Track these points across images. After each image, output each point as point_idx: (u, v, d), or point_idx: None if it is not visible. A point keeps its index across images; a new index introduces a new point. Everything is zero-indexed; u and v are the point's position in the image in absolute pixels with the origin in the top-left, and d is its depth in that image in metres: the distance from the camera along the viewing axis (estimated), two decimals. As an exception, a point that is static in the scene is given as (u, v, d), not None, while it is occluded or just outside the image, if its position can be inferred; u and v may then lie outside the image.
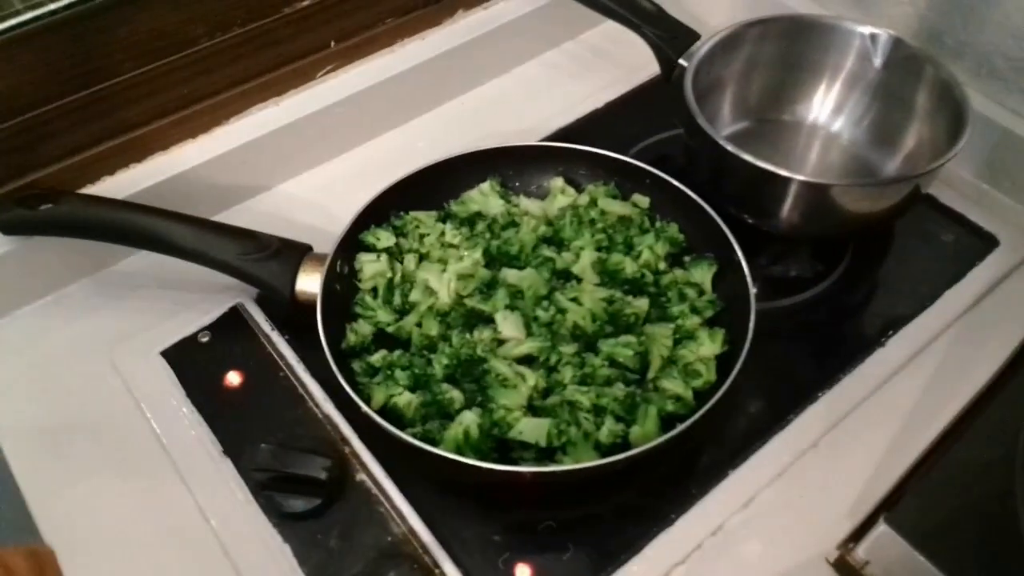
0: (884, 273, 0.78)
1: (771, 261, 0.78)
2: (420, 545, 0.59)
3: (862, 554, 0.54)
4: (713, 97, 0.83)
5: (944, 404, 0.67)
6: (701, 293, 0.71)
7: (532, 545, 0.61)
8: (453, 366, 0.65)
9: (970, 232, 0.80)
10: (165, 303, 0.74)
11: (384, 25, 0.88)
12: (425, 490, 0.62)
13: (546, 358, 0.66)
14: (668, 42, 0.79)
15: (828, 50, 0.82)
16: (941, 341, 0.72)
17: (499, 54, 0.95)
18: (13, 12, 0.69)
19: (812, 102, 0.85)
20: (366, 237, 0.73)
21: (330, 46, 0.85)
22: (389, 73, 0.87)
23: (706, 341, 0.67)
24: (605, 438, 0.61)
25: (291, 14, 0.81)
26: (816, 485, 0.64)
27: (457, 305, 0.70)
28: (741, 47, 0.82)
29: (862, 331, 0.74)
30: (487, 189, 0.78)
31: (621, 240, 0.74)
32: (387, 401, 0.63)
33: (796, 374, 0.71)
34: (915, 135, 0.80)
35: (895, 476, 0.58)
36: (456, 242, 0.74)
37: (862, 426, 0.67)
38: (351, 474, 0.63)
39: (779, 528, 0.62)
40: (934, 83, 0.77)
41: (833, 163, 0.84)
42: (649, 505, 0.63)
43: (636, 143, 0.87)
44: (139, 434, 0.66)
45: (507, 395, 0.63)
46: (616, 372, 0.65)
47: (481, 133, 0.88)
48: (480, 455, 0.60)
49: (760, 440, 0.66)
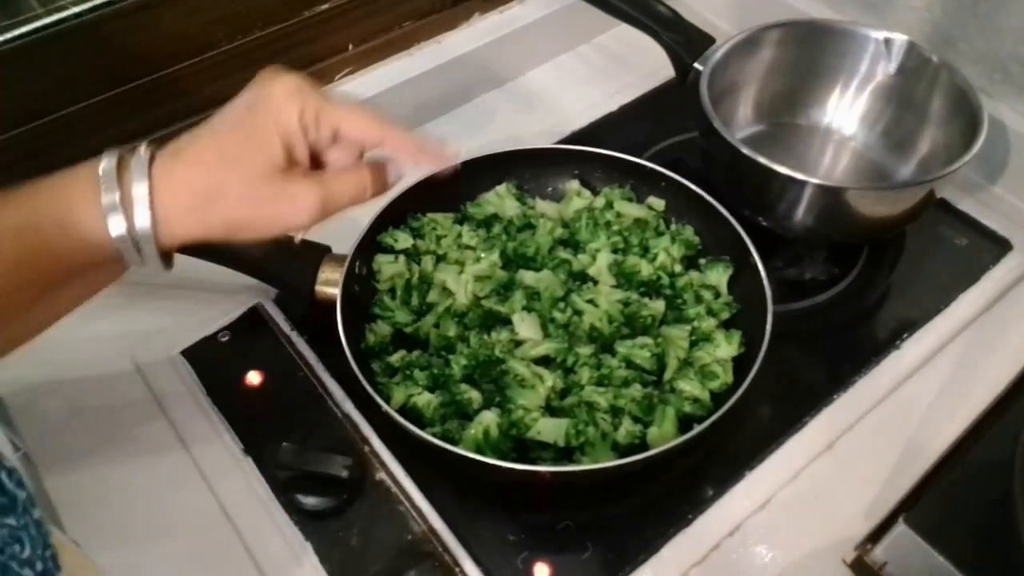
0: (898, 276, 0.79)
1: (786, 264, 0.79)
2: (440, 544, 0.60)
3: (880, 555, 0.55)
4: (728, 101, 0.83)
5: (959, 406, 0.67)
6: (717, 295, 0.72)
7: (550, 544, 0.61)
8: (471, 367, 0.66)
9: (983, 236, 0.81)
10: (185, 303, 0.75)
11: (401, 28, 0.89)
12: (444, 489, 0.63)
13: (563, 359, 0.66)
14: (683, 46, 0.79)
15: (843, 55, 0.83)
16: (955, 344, 0.73)
17: (515, 57, 0.95)
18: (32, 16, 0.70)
19: (827, 106, 0.86)
20: (384, 238, 0.74)
21: (348, 49, 0.86)
22: (406, 76, 0.88)
23: (722, 343, 0.67)
24: (623, 439, 0.61)
25: (310, 17, 0.82)
26: (832, 486, 0.64)
27: (474, 306, 0.70)
28: (756, 51, 0.83)
29: (877, 334, 0.74)
30: (503, 191, 0.78)
31: (637, 242, 0.75)
32: (407, 401, 0.64)
33: (811, 376, 0.71)
34: (929, 140, 0.80)
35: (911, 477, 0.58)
36: (473, 244, 0.75)
37: (878, 428, 0.68)
38: (371, 473, 0.64)
39: (796, 529, 0.62)
40: (948, 88, 0.77)
41: (847, 167, 0.84)
42: (666, 505, 0.63)
43: (651, 146, 0.88)
44: (160, 432, 0.67)
45: (525, 395, 0.63)
46: (633, 373, 0.66)
47: (497, 136, 0.89)
48: (500, 455, 0.60)
49: (776, 442, 0.66)
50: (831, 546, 0.60)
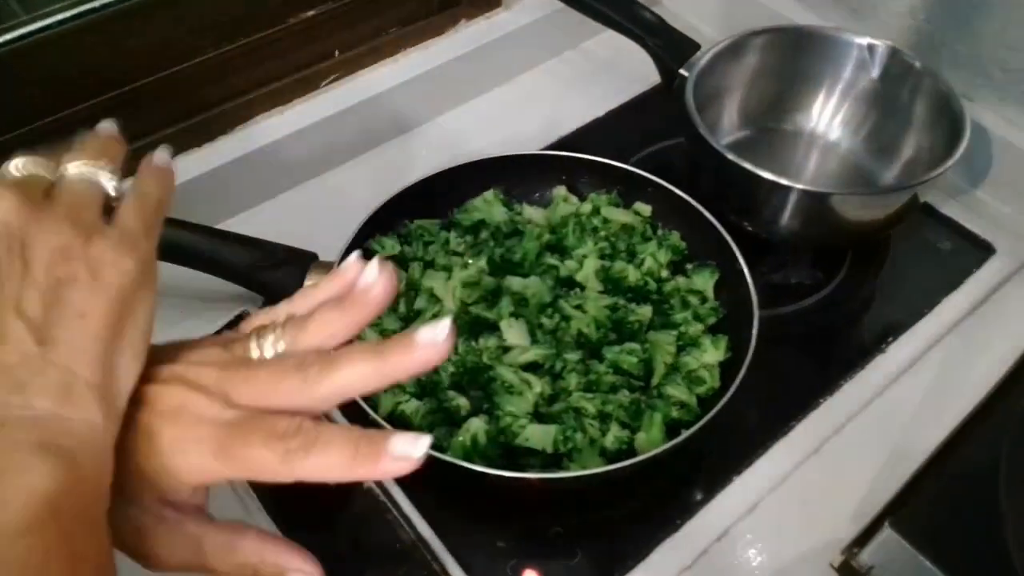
0: (882, 280, 0.79)
1: (771, 269, 0.79)
2: (429, 552, 0.60)
3: (867, 559, 0.55)
4: (713, 106, 0.84)
5: (945, 409, 0.68)
6: (703, 300, 0.72)
7: (539, 551, 0.61)
8: (459, 373, 0.66)
9: (967, 240, 0.81)
10: (170, 310, 0.73)
11: (388, 35, 0.89)
12: (433, 497, 0.63)
13: (551, 365, 0.66)
14: (669, 52, 0.80)
15: (827, 61, 0.83)
16: (940, 347, 0.73)
17: (501, 63, 0.95)
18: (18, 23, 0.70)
19: (811, 111, 0.87)
20: (371, 245, 0.74)
21: (334, 56, 0.86)
22: (393, 82, 0.87)
23: (709, 348, 0.67)
24: (611, 444, 0.61)
25: (295, 24, 0.81)
26: (819, 491, 0.64)
27: (462, 313, 0.70)
28: (741, 57, 0.83)
29: (862, 338, 0.75)
30: (490, 197, 0.78)
31: (624, 248, 0.75)
32: (394, 408, 0.64)
33: (798, 380, 0.71)
34: (913, 144, 0.81)
35: (897, 481, 0.58)
36: (460, 250, 0.75)
37: (864, 432, 0.68)
38: (358, 481, 0.63)
39: (783, 533, 0.62)
40: (931, 93, 0.78)
41: (832, 172, 0.85)
42: (655, 511, 0.63)
43: (637, 152, 0.88)
44: (146, 442, 0.66)
45: (513, 402, 0.63)
46: (621, 379, 0.66)
47: (484, 142, 0.89)
48: (488, 462, 0.60)
49: (763, 446, 0.66)
50: (818, 550, 0.60)
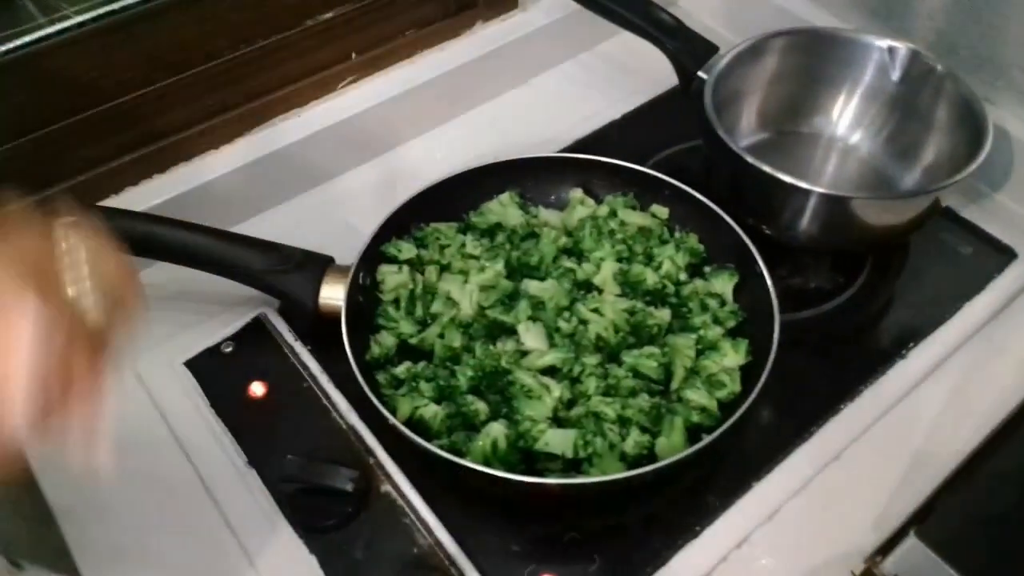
0: (903, 285, 0.78)
1: (790, 273, 0.78)
2: (446, 556, 0.59)
3: (890, 567, 0.54)
4: (732, 109, 0.83)
5: (966, 416, 0.67)
6: (722, 304, 0.71)
7: (557, 556, 0.61)
8: (477, 378, 0.65)
9: (988, 245, 0.80)
10: (188, 314, 0.75)
11: (404, 37, 0.89)
12: (450, 502, 0.62)
13: (569, 369, 0.66)
14: (687, 55, 0.79)
15: (847, 63, 0.83)
16: (961, 353, 0.73)
17: (517, 65, 0.95)
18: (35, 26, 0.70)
19: (831, 115, 0.86)
20: (387, 249, 0.73)
21: (351, 58, 0.86)
22: (409, 84, 0.87)
23: (729, 352, 0.67)
24: (631, 449, 0.61)
25: (313, 26, 0.81)
26: (840, 498, 0.64)
27: (479, 316, 0.70)
28: (760, 60, 0.82)
29: (883, 343, 0.74)
30: (506, 200, 0.78)
31: (641, 251, 0.74)
32: (413, 413, 0.64)
33: (817, 386, 0.71)
34: (934, 148, 0.80)
35: (919, 488, 0.58)
36: (477, 253, 0.74)
37: (885, 438, 0.67)
38: (376, 485, 0.63)
39: (804, 540, 0.62)
40: (953, 96, 0.77)
41: (852, 175, 0.84)
42: (674, 517, 0.63)
43: (654, 154, 0.88)
44: (164, 444, 0.66)
45: (532, 406, 0.63)
46: (640, 383, 0.66)
47: (500, 144, 0.88)
48: (507, 467, 0.60)
49: (783, 452, 0.66)
50: (839, 558, 0.60)
